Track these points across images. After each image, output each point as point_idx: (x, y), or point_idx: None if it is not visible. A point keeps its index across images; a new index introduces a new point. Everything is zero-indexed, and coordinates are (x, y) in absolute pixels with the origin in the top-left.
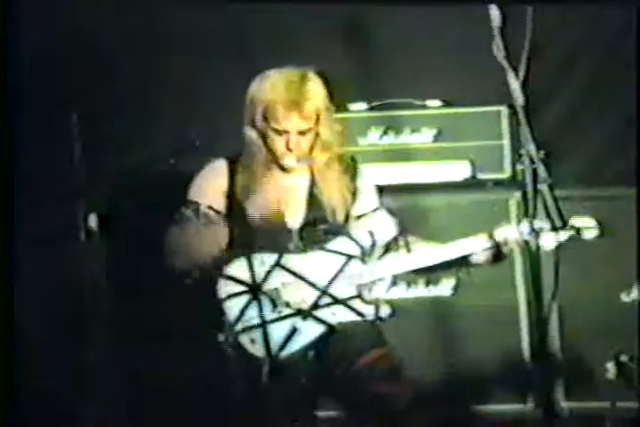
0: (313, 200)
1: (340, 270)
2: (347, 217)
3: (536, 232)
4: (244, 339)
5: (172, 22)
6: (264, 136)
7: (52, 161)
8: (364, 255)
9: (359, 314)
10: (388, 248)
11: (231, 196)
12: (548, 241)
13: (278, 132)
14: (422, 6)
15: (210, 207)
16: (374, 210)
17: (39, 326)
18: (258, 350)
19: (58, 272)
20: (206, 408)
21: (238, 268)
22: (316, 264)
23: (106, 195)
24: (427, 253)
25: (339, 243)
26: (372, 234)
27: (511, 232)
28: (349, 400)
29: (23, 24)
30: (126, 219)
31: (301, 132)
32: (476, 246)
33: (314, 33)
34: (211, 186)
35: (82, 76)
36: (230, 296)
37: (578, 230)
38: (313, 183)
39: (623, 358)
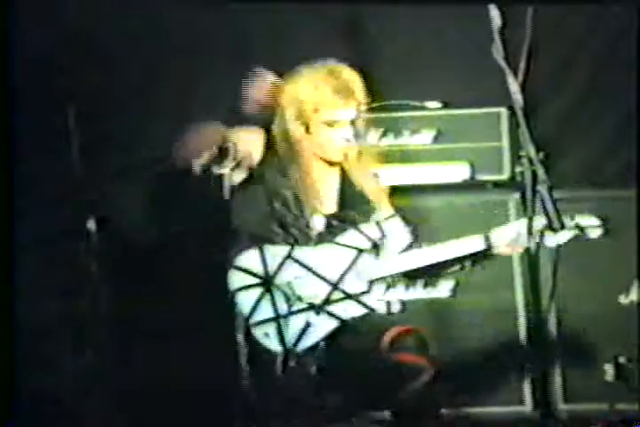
0: (345, 190)
1: (351, 265)
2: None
3: (535, 232)
4: (258, 333)
5: (171, 22)
6: (309, 131)
7: (51, 162)
8: (375, 249)
9: (371, 309)
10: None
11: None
12: (550, 241)
13: (330, 125)
14: (422, 6)
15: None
16: (389, 217)
17: (39, 326)
18: (272, 344)
19: (57, 273)
20: (206, 408)
21: (250, 260)
22: (326, 258)
23: (105, 195)
24: (432, 251)
25: (349, 236)
26: (380, 226)
27: (510, 233)
28: (376, 374)
29: (23, 24)
30: (125, 219)
31: (351, 122)
32: (472, 247)
33: (314, 33)
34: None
35: (82, 76)
36: (243, 288)
37: (582, 230)
38: (344, 174)
39: (622, 359)
